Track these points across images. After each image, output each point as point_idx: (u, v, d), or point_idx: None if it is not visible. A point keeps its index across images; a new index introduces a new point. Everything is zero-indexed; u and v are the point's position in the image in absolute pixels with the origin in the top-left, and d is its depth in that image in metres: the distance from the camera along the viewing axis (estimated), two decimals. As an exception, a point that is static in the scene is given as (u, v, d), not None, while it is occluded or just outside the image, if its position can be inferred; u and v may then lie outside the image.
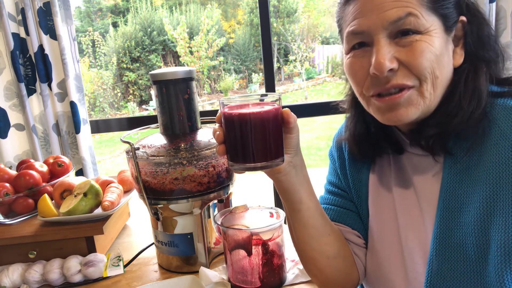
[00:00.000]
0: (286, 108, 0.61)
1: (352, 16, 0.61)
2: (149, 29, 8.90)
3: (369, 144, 0.73)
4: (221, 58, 9.13)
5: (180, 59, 8.59)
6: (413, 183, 0.68)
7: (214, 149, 0.89)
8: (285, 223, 0.80)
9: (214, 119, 1.11)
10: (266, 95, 0.61)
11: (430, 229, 0.64)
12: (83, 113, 1.51)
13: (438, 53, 0.58)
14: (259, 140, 0.58)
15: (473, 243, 0.58)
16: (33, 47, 1.41)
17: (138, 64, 8.95)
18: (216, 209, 0.99)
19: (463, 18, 0.62)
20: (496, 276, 0.55)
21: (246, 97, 0.61)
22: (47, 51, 1.42)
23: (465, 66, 0.62)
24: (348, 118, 0.77)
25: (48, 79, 1.45)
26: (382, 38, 0.59)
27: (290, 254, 0.95)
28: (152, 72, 0.92)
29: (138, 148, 0.90)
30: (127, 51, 8.86)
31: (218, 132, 0.61)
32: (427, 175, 0.67)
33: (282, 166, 0.63)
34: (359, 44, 0.62)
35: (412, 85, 0.59)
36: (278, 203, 1.70)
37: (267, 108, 0.59)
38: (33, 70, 1.46)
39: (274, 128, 0.59)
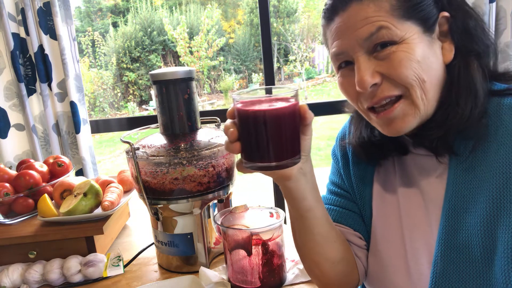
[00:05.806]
0: (304, 104, 0.57)
1: (332, 38, 0.63)
2: (149, 29, 8.90)
3: (375, 147, 0.73)
4: (221, 58, 9.13)
5: (180, 59, 8.59)
6: (418, 184, 0.68)
7: (214, 149, 0.89)
8: (285, 223, 0.79)
9: (214, 119, 1.11)
10: (282, 87, 0.58)
11: (435, 230, 0.64)
12: (83, 113, 1.51)
13: (420, 58, 0.58)
14: (277, 138, 0.55)
15: (479, 244, 0.57)
16: (33, 47, 1.41)
17: (138, 64, 8.95)
18: (216, 209, 0.99)
19: (444, 13, 0.61)
20: (503, 277, 0.54)
21: (260, 91, 0.58)
22: (47, 51, 1.42)
23: (455, 62, 0.62)
24: (352, 122, 0.77)
25: (48, 79, 1.45)
26: (361, 55, 0.60)
27: (290, 254, 0.95)
28: (152, 72, 0.92)
29: (138, 148, 0.90)
30: (127, 51, 8.86)
31: (231, 129, 0.55)
32: (432, 175, 0.66)
33: (292, 173, 0.61)
34: (345, 62, 0.64)
35: (401, 94, 0.60)
36: (278, 203, 1.70)
37: (285, 104, 0.55)
38: (33, 70, 1.46)
39: (292, 125, 0.56)
